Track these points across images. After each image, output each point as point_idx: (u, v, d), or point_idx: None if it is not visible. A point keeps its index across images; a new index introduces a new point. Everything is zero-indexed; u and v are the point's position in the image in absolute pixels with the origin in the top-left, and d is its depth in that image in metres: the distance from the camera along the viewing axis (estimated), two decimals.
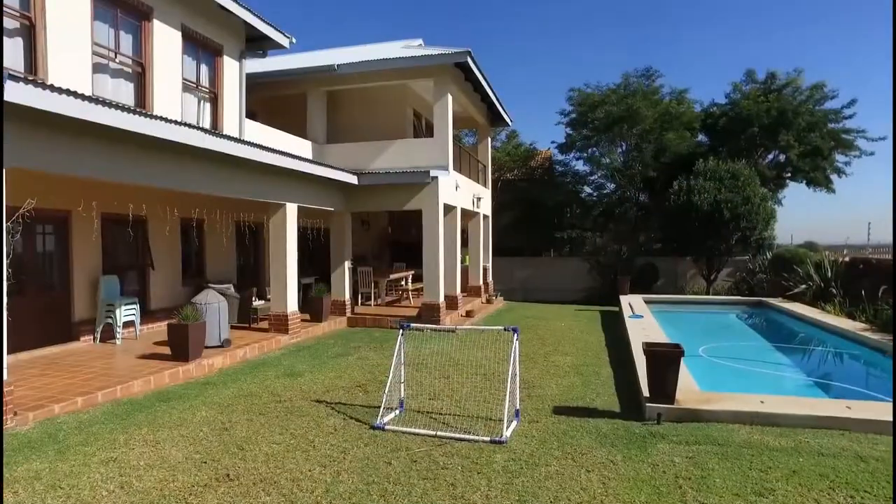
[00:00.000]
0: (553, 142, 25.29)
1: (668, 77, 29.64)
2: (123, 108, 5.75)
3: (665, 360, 5.56)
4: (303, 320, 10.95)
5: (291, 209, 10.11)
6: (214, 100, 10.40)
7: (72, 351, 8.32)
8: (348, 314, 12.51)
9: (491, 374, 7.54)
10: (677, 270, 23.17)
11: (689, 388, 6.06)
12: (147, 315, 9.99)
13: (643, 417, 5.63)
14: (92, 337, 9.01)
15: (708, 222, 18.97)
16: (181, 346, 7.63)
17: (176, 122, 6.51)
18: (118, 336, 8.93)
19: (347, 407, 6.16)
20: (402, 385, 6.07)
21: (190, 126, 6.77)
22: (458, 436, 5.14)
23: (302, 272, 13.69)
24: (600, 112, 22.70)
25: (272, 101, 14.78)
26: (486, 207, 17.85)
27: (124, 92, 8.58)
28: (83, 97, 5.21)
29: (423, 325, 6.81)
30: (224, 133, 7.81)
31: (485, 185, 18.20)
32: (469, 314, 13.81)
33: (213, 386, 7.04)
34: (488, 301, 17.10)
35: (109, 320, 8.95)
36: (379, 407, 5.77)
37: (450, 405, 6.25)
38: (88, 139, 5.91)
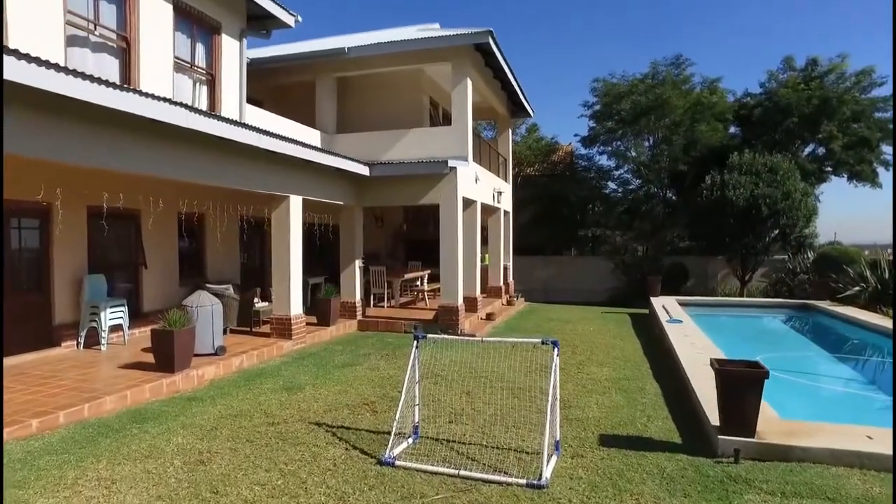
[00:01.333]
0: (576, 134, 24.05)
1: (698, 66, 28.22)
2: (87, 78, 4.82)
3: (743, 383, 4.47)
4: (309, 324, 10.02)
5: (296, 202, 9.17)
6: (212, 82, 9.49)
7: (49, 359, 7.45)
8: (359, 317, 11.55)
9: (519, 390, 6.50)
10: (707, 270, 21.91)
11: (767, 416, 4.95)
12: (139, 318, 9.13)
13: (714, 453, 4.54)
14: (75, 342, 8.15)
15: (744, 219, 17.75)
16: (166, 355, 6.71)
17: (154, 97, 5.58)
18: (103, 341, 8.06)
19: (352, 432, 5.17)
20: (417, 407, 5.06)
21: (173, 103, 5.84)
22: (485, 476, 4.12)
23: (310, 271, 12.77)
24: (626, 103, 21.50)
25: (278, 89, 13.89)
26: (506, 203, 16.78)
27: (106, 69, 7.68)
28: (29, 59, 4.28)
29: (440, 336, 5.73)
30: (217, 114, 6.90)
31: (505, 179, 17.13)
32: (489, 317, 12.77)
33: (199, 402, 6.10)
34: (509, 303, 16.04)
35: (94, 324, 8.09)
36: (389, 433, 4.76)
37: (473, 430, 5.23)
38: (54, 117, 5.00)
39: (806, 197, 17.57)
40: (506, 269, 16.77)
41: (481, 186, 13.21)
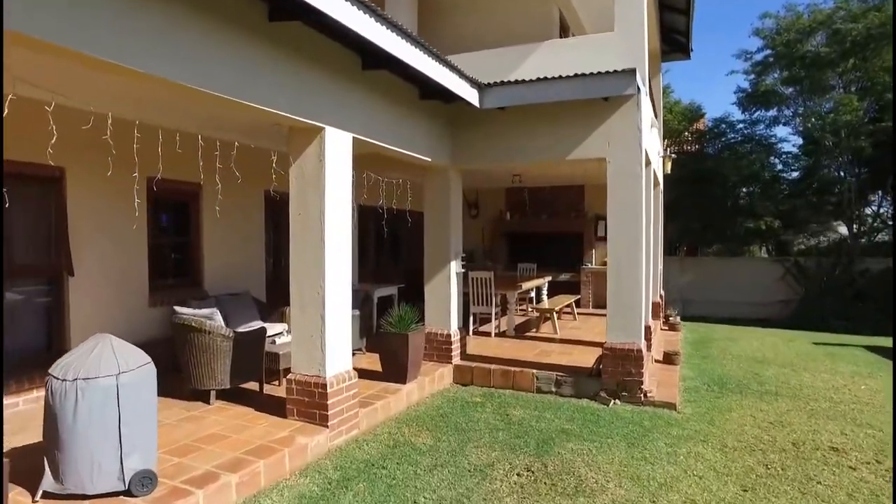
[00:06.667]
0: (737, 90, 18.02)
1: None
2: None
3: None
4: (364, 374, 5.35)
5: (338, 142, 4.47)
6: None
7: None
8: (455, 359, 6.71)
9: None
10: None
11: None
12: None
13: None
14: None
15: None
16: None
17: None
18: None
19: None
20: None
21: None
22: None
23: (374, 277, 8.18)
24: (814, 40, 15.29)
25: None
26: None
27: None
28: None
29: None
30: None
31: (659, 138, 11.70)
32: (670, 359, 7.53)
33: None
34: (671, 326, 10.65)
35: None
36: None
37: None
38: None
39: None
40: (660, 274, 11.39)
41: (654, 141, 8.00)
